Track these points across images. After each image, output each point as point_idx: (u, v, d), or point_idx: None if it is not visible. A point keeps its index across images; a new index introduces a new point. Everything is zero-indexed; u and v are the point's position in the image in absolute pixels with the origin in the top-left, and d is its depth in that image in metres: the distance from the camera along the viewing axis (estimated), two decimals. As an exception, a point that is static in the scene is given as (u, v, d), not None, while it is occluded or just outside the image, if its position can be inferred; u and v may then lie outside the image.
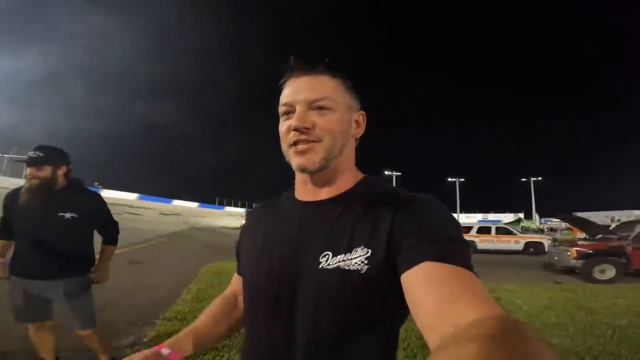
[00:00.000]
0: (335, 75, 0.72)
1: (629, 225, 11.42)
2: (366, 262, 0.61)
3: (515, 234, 15.86)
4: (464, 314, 0.44)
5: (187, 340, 0.78)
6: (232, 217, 34.85)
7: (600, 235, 10.78)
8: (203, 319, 0.85)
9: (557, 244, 12.98)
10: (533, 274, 9.14)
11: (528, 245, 15.27)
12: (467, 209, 62.63)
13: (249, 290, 0.74)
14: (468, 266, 0.55)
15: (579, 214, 23.97)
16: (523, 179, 54.20)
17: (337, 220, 0.67)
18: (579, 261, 8.50)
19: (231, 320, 0.87)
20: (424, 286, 0.52)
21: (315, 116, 0.68)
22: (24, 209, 2.14)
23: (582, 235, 12.12)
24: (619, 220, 20.24)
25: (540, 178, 53.40)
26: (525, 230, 25.48)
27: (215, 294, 5.56)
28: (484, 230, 16.06)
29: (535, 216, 52.07)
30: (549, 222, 44.38)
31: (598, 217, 22.61)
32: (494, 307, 0.46)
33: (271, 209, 0.81)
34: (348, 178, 0.73)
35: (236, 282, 0.89)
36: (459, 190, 54.93)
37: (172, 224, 20.82)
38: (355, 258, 0.62)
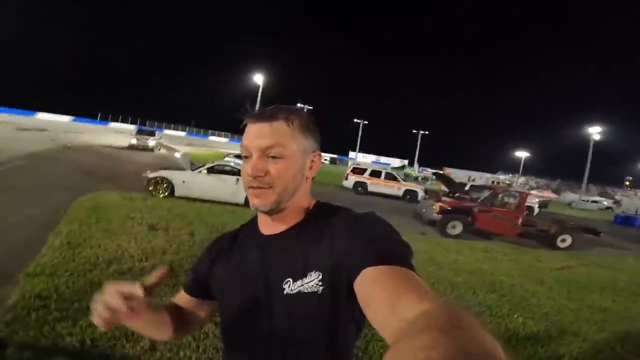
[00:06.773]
0: (291, 121, 0.78)
1: (481, 188, 13.78)
2: (320, 283, 0.70)
3: (398, 180, 17.86)
4: (409, 309, 0.49)
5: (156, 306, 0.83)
6: (120, 134, 30.20)
7: (458, 194, 12.79)
8: (168, 302, 0.91)
9: (427, 196, 14.71)
10: (405, 222, 10.33)
11: (406, 192, 17.42)
12: (365, 149, 79.23)
13: (229, 315, 0.82)
14: (407, 264, 0.62)
15: (449, 169, 28.05)
16: (414, 131, 68.16)
17: (293, 249, 0.77)
18: (439, 215, 9.96)
19: (176, 325, 0.88)
20: (369, 289, 0.59)
21: (269, 163, 0.76)
22: None
23: (446, 190, 14.05)
24: (474, 180, 23.94)
25: (427, 132, 67.14)
26: (407, 176, 29.28)
27: (94, 236, 4.86)
28: (375, 173, 17.71)
29: (416, 164, 62.27)
30: (424, 171, 51.12)
31: (461, 174, 26.69)
32: (434, 299, 0.52)
33: (234, 240, 0.89)
34: (301, 210, 0.83)
35: (183, 299, 0.92)
36: (361, 132, 68.03)
37: (34, 142, 17.21)
38: (311, 281, 0.71)
